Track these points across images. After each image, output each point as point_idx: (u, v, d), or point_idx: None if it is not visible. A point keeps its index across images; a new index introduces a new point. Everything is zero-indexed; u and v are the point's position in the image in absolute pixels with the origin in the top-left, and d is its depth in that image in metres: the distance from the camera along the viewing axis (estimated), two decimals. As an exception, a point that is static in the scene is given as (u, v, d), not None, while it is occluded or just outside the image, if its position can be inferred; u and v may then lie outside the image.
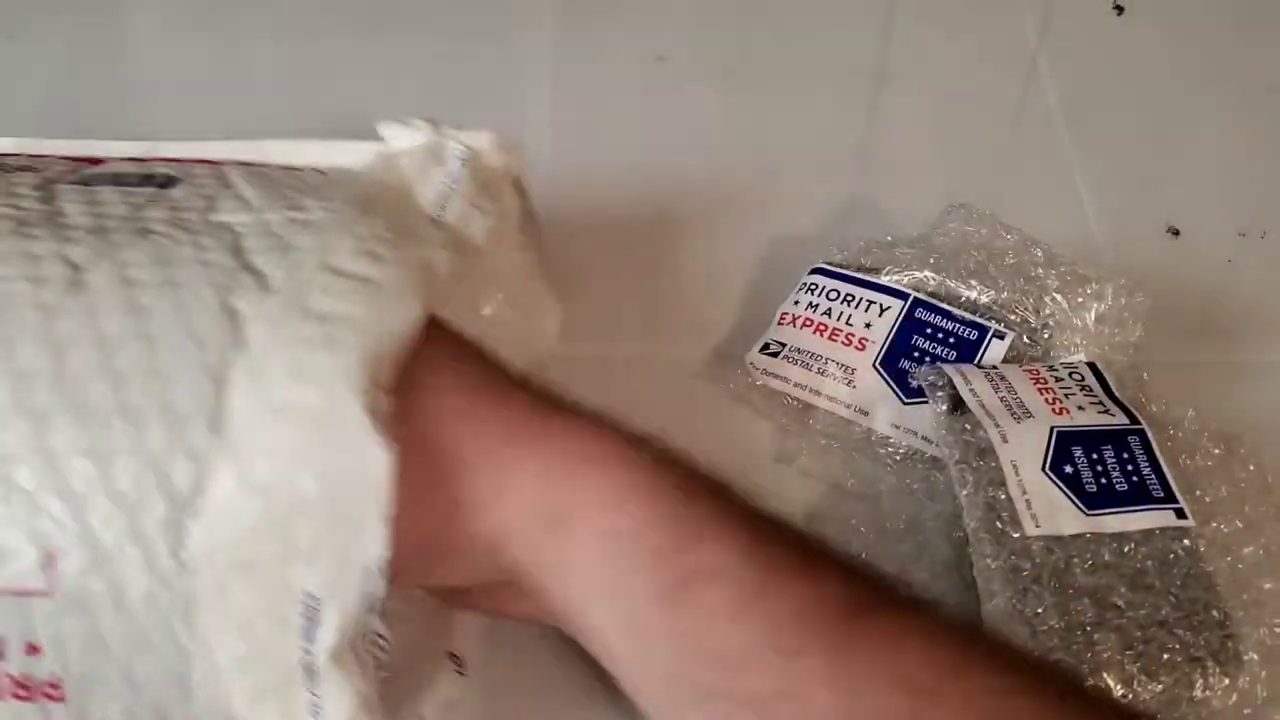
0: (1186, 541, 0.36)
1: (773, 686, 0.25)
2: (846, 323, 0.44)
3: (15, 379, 0.27)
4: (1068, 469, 0.37)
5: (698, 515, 0.27)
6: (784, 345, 0.45)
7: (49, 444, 0.27)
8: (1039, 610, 0.34)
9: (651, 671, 0.27)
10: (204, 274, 0.29)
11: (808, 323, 0.45)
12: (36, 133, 0.40)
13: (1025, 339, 0.43)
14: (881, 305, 0.44)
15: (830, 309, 0.45)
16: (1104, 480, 0.37)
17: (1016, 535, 0.36)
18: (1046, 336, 0.43)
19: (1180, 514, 0.36)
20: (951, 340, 0.43)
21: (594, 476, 0.27)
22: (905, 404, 0.42)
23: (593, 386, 0.31)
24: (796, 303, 0.46)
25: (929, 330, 0.43)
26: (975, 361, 0.42)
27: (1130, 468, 0.37)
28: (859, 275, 0.45)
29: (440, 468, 0.28)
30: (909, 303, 0.44)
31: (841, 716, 0.24)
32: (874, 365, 0.43)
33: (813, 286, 0.46)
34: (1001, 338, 0.43)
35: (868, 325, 0.44)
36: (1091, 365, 0.41)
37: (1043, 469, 0.37)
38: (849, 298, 0.45)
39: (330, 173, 0.37)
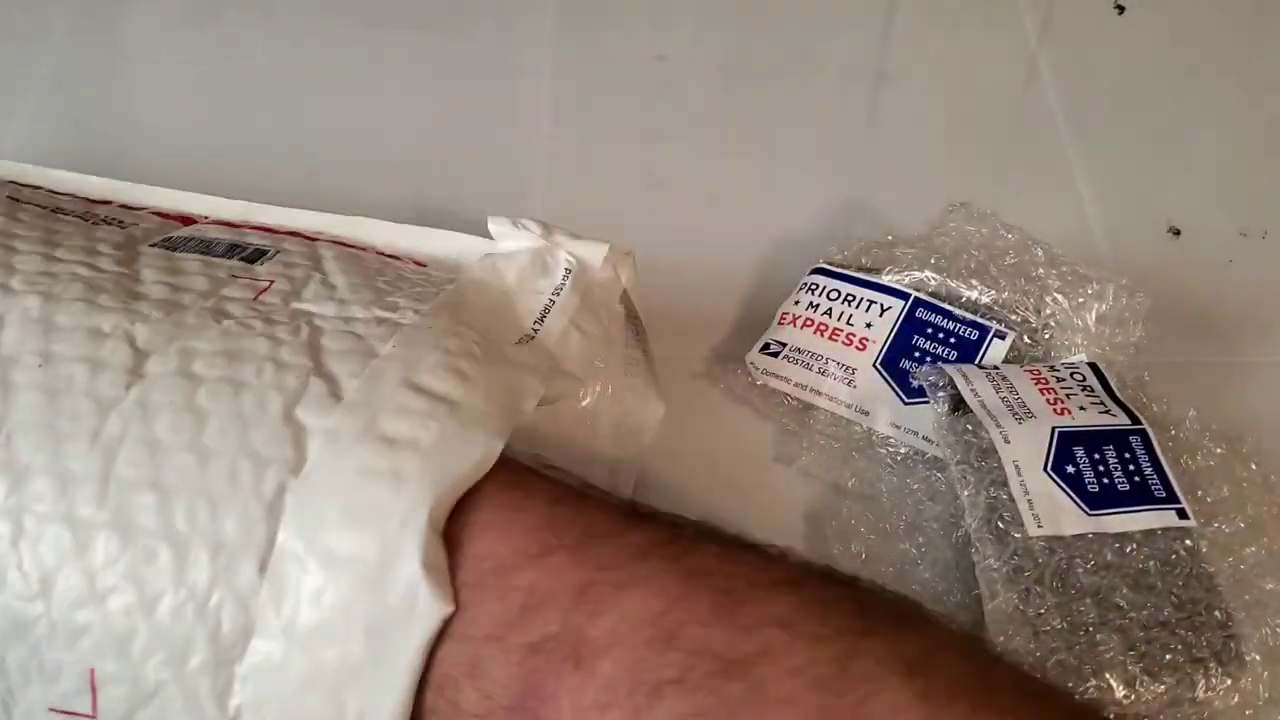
0: (1188, 542, 0.36)
1: None
2: (847, 323, 0.44)
3: (61, 482, 0.25)
4: (1069, 469, 0.37)
5: None
6: (784, 345, 0.45)
7: (89, 559, 0.25)
8: (1041, 611, 0.34)
9: None
10: (274, 377, 0.27)
11: (808, 323, 0.45)
12: (35, 132, 0.40)
13: (1026, 339, 0.43)
14: (882, 305, 0.44)
15: (831, 309, 0.45)
16: (1106, 480, 0.37)
17: (1018, 536, 0.36)
18: (1047, 337, 0.42)
19: (1182, 514, 0.36)
20: (952, 340, 0.43)
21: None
22: (906, 404, 0.42)
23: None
24: (797, 303, 0.45)
25: (930, 330, 0.43)
26: (976, 361, 0.42)
27: (1132, 468, 0.37)
28: (859, 275, 0.45)
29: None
30: (909, 303, 0.44)
31: None
32: (874, 365, 0.43)
33: (813, 286, 0.46)
34: (1002, 338, 0.43)
35: (868, 325, 0.44)
36: (1093, 365, 0.41)
37: (1044, 469, 0.37)
38: (849, 298, 0.45)
39: (430, 264, 0.34)
